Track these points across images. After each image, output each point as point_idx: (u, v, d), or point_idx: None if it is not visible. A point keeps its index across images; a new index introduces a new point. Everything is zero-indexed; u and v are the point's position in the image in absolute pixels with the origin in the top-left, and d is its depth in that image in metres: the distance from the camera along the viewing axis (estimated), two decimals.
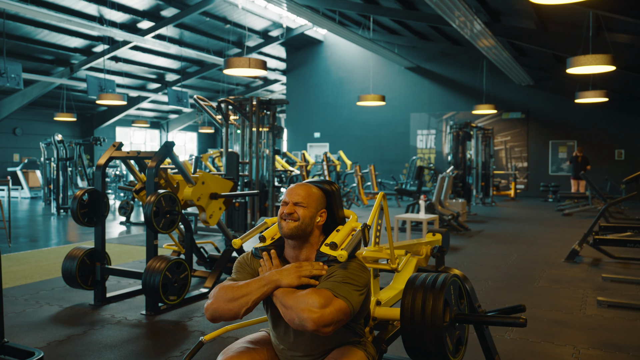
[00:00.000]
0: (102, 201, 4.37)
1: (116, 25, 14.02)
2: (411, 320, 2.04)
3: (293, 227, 1.85)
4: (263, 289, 1.77)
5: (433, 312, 2.01)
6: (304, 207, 1.87)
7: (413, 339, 2.05)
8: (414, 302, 2.06)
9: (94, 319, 4.01)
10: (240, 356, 1.88)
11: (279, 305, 1.75)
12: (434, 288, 2.07)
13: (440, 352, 2.02)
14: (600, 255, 6.62)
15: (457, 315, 2.14)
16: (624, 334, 3.73)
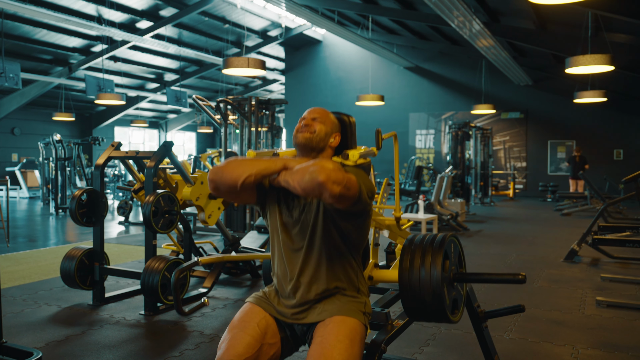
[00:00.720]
0: (100, 201, 4.36)
1: (115, 25, 14.00)
2: (410, 276, 2.02)
3: (308, 137, 1.90)
4: (270, 164, 1.74)
5: (432, 266, 2.00)
6: (321, 123, 1.93)
7: (412, 296, 2.02)
8: (413, 258, 2.05)
9: (93, 319, 4.00)
10: (247, 349, 1.77)
11: (287, 176, 1.66)
12: (433, 244, 2.07)
13: (440, 310, 2.01)
14: (599, 255, 6.62)
15: (455, 275, 2.14)
16: (622, 334, 3.73)
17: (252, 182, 1.74)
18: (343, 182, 1.60)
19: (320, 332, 1.82)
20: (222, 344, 1.80)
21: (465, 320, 3.88)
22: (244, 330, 1.82)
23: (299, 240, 1.91)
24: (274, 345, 1.88)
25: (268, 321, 1.90)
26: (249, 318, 1.88)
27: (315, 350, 1.76)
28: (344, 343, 1.77)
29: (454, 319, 2.11)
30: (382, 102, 13.76)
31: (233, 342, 1.78)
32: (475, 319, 2.78)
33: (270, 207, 1.97)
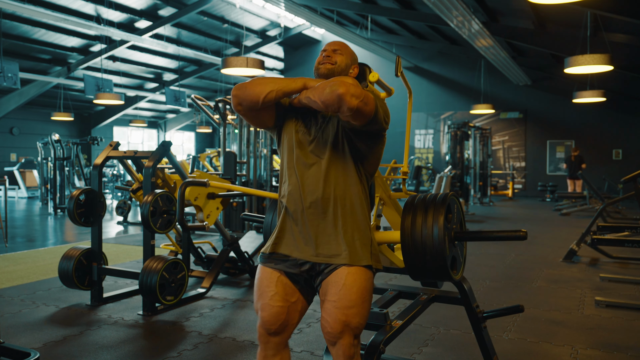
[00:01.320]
0: (99, 201, 4.35)
1: (114, 24, 13.98)
2: (412, 233, 2.04)
3: (330, 68, 1.98)
4: (291, 82, 1.87)
5: (435, 223, 2.01)
6: (341, 55, 2.02)
7: (414, 253, 2.04)
8: (415, 216, 2.06)
9: (91, 319, 3.99)
10: (277, 315, 1.94)
11: (309, 93, 1.82)
12: (435, 201, 2.07)
13: (442, 266, 2.03)
14: (598, 255, 6.62)
15: (456, 233, 2.14)
16: (622, 334, 3.73)
17: (273, 98, 1.85)
18: (361, 96, 1.72)
19: (333, 291, 1.89)
20: (258, 312, 1.98)
21: (464, 320, 3.89)
22: (265, 299, 1.95)
23: (314, 156, 1.94)
24: (297, 301, 1.99)
25: (283, 281, 1.97)
26: (266, 285, 1.97)
27: (330, 312, 1.89)
28: (359, 304, 1.88)
29: (455, 277, 2.13)
30: None
31: (263, 312, 1.95)
32: (474, 319, 2.77)
33: (287, 128, 2.02)
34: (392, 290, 2.93)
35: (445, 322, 3.92)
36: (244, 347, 3.43)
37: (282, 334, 1.98)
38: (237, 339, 3.56)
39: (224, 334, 3.68)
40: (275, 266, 1.98)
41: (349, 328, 1.90)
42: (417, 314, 2.64)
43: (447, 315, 4.01)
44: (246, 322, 3.95)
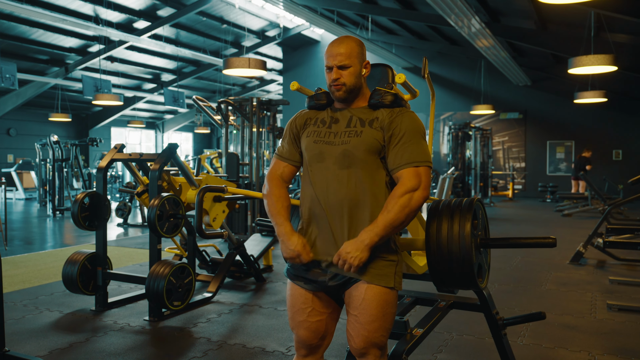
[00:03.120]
0: (103, 204, 4.27)
1: (112, 25, 13.88)
2: (438, 239, 1.98)
3: (343, 92, 1.89)
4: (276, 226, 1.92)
5: (461, 229, 1.94)
6: (349, 68, 1.87)
7: (440, 260, 1.97)
8: (440, 222, 2.00)
9: (96, 325, 3.91)
10: (316, 333, 1.96)
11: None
12: (461, 207, 2.00)
13: (468, 274, 1.96)
14: (605, 257, 6.57)
15: (482, 240, 2.08)
16: (638, 339, 3.67)
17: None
18: (427, 185, 1.82)
19: (355, 304, 1.86)
20: (294, 329, 1.98)
21: (476, 326, 3.83)
22: (303, 316, 1.94)
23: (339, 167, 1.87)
24: (333, 311, 1.99)
25: (318, 295, 1.95)
26: (302, 302, 1.95)
27: (353, 327, 1.88)
28: (380, 318, 1.85)
29: (482, 285, 2.08)
30: None
31: (301, 330, 1.95)
32: (494, 326, 2.71)
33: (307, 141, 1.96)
34: (409, 296, 2.87)
35: (457, 327, 3.85)
36: (255, 354, 3.36)
37: (322, 346, 2.00)
38: (247, 346, 3.49)
39: (233, 340, 3.61)
40: (305, 285, 1.94)
41: (372, 344, 1.89)
42: (437, 322, 2.57)
43: (459, 320, 3.94)
44: (255, 327, 3.87)
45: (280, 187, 1.98)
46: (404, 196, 1.75)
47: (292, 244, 1.86)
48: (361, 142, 1.85)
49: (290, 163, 2.02)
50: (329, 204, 1.86)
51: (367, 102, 1.94)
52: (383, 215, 1.75)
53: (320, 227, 1.90)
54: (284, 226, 1.89)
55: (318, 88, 2.05)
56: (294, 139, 2.02)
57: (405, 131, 1.83)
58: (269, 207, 1.95)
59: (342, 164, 1.86)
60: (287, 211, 1.95)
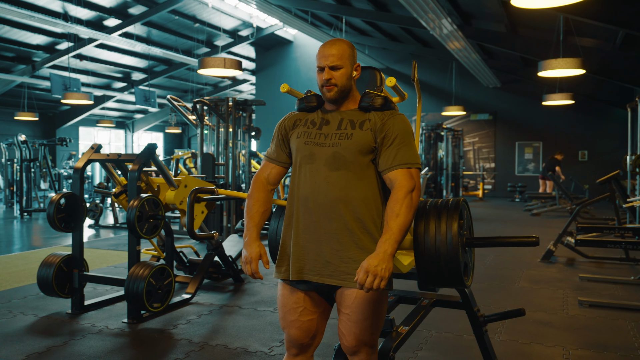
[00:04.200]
0: (80, 205, 4.20)
1: (81, 22, 13.59)
2: (425, 239, 2.01)
3: (334, 92, 1.90)
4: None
5: (449, 229, 1.98)
6: (340, 69, 1.89)
7: (428, 260, 2.01)
8: (427, 223, 2.03)
9: (74, 328, 3.85)
10: (308, 331, 1.97)
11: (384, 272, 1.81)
12: (447, 207, 2.05)
13: (455, 273, 2.01)
14: (574, 255, 6.76)
15: (467, 239, 2.13)
16: (609, 334, 3.80)
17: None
18: (419, 186, 1.85)
19: (347, 302, 1.89)
20: (285, 329, 1.99)
21: (454, 323, 3.90)
22: (294, 315, 1.96)
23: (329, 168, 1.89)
24: (325, 309, 2.02)
25: (309, 294, 1.97)
26: (294, 301, 1.96)
27: (345, 325, 1.91)
28: (371, 316, 1.89)
29: (468, 283, 2.13)
30: None
31: (292, 329, 1.97)
32: (475, 323, 2.78)
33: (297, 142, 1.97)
34: (392, 295, 2.91)
35: (436, 325, 3.92)
36: (237, 354, 3.36)
37: (313, 345, 2.01)
38: (229, 347, 3.48)
39: (214, 341, 3.59)
40: (297, 285, 1.96)
41: (364, 342, 1.93)
42: (422, 319, 2.62)
43: (438, 318, 4.01)
44: (236, 328, 3.87)
45: (261, 191, 2.00)
46: (407, 197, 1.79)
47: (248, 251, 1.90)
48: (352, 144, 1.88)
49: (278, 164, 2.04)
50: (318, 205, 1.89)
51: (358, 105, 1.97)
52: (394, 220, 1.75)
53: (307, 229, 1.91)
54: (250, 232, 1.93)
55: (308, 90, 2.06)
56: (282, 141, 2.03)
57: (398, 133, 1.87)
58: (246, 208, 1.99)
59: (333, 166, 1.88)
60: (260, 216, 1.97)
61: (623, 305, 4.45)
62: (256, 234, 1.94)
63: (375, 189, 1.92)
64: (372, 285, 1.69)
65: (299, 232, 1.93)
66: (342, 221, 1.87)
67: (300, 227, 1.93)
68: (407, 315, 2.60)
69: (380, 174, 1.91)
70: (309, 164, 1.92)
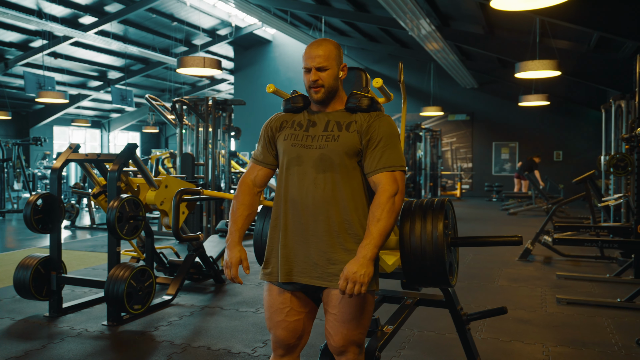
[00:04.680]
0: (57, 206, 4.12)
1: (56, 19, 13.35)
2: (411, 239, 2.03)
3: (322, 93, 1.90)
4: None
5: (434, 229, 2.00)
6: (327, 70, 1.89)
7: (414, 259, 2.03)
8: (413, 223, 2.06)
9: (52, 331, 3.77)
10: (294, 332, 1.97)
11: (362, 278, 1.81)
12: (433, 208, 2.06)
13: (441, 272, 2.03)
14: (551, 253, 6.87)
15: (452, 239, 2.15)
16: (586, 331, 3.87)
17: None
18: (402, 190, 1.84)
19: (333, 302, 1.89)
20: (272, 329, 1.98)
21: (436, 322, 3.94)
22: (281, 316, 1.95)
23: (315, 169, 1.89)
24: (311, 309, 2.01)
25: (296, 294, 1.96)
26: (280, 302, 1.95)
27: (332, 325, 1.91)
28: (358, 317, 1.90)
29: (452, 282, 2.16)
30: None
31: (279, 330, 1.96)
32: (458, 322, 2.80)
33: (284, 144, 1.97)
34: (376, 294, 2.92)
35: (418, 324, 3.95)
36: (221, 355, 3.33)
37: (299, 346, 2.01)
38: (211, 348, 3.46)
39: (197, 343, 3.56)
40: (284, 286, 1.96)
41: (351, 342, 1.93)
42: (406, 318, 2.64)
43: (420, 317, 4.04)
44: (218, 329, 3.84)
45: (246, 194, 2.00)
46: (389, 202, 1.78)
47: (229, 256, 1.91)
48: (338, 146, 1.88)
49: (265, 166, 2.03)
50: (306, 207, 1.88)
51: (344, 106, 1.96)
52: (375, 225, 1.76)
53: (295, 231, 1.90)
54: (233, 235, 1.94)
55: (294, 91, 2.06)
56: (268, 142, 2.02)
57: (383, 135, 1.87)
58: (231, 211, 2.00)
59: (320, 168, 1.88)
60: (244, 220, 1.97)
61: (600, 303, 4.54)
62: (238, 238, 1.94)
63: (362, 191, 1.93)
64: (353, 292, 1.71)
65: (287, 234, 1.92)
66: (330, 223, 1.86)
67: (288, 229, 1.92)
68: (391, 314, 2.62)
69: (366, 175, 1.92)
70: (296, 166, 1.91)
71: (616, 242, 5.20)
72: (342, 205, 1.87)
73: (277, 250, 1.93)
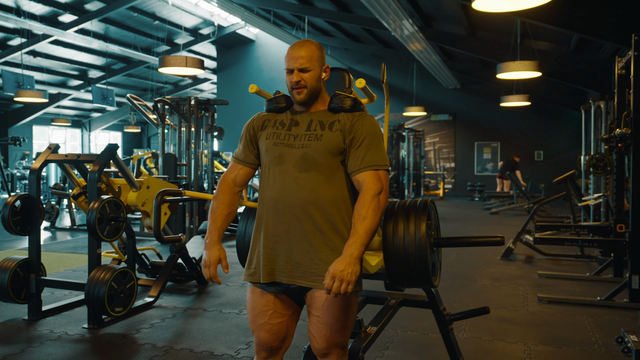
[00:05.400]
0: (36, 208, 4.05)
1: (35, 17, 13.15)
2: (394, 240, 2.03)
3: (304, 94, 1.89)
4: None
5: (417, 230, 2.01)
6: (310, 71, 1.88)
7: (397, 260, 2.03)
8: (396, 224, 2.06)
9: (31, 335, 3.71)
10: (278, 334, 1.96)
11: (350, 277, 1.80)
12: (415, 208, 2.07)
13: (424, 273, 2.03)
14: (532, 253, 6.95)
15: (435, 240, 2.16)
16: (567, 329, 3.92)
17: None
18: (387, 189, 1.85)
19: (317, 305, 1.88)
20: (255, 332, 1.97)
21: (419, 322, 3.95)
22: (264, 318, 1.94)
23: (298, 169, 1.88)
24: (294, 312, 2.00)
25: (279, 297, 1.95)
26: (263, 304, 1.94)
27: (315, 327, 1.90)
28: (342, 318, 1.89)
29: (435, 283, 2.17)
30: None
31: (262, 333, 1.95)
32: (441, 321, 2.81)
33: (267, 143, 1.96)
34: (360, 295, 2.92)
35: (401, 324, 3.96)
36: (203, 358, 3.31)
37: (282, 348, 2.00)
38: (194, 350, 3.43)
39: (179, 345, 3.53)
40: (267, 288, 1.94)
41: (335, 344, 1.93)
42: (389, 319, 2.64)
43: (403, 317, 4.05)
44: (201, 331, 3.81)
45: (226, 193, 1.98)
46: (374, 200, 1.78)
47: (208, 255, 1.89)
48: (321, 146, 1.87)
49: (246, 165, 2.02)
50: (288, 207, 1.87)
51: (327, 106, 1.96)
52: (360, 223, 1.75)
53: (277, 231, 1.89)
54: (212, 235, 1.92)
55: (277, 91, 2.05)
56: (250, 141, 2.01)
57: (366, 135, 1.87)
58: (210, 210, 1.98)
59: (302, 167, 1.87)
60: (224, 219, 1.95)
61: (580, 301, 4.60)
62: (217, 237, 1.92)
63: (345, 190, 1.92)
64: (340, 290, 1.69)
65: (268, 234, 1.91)
66: (313, 222, 1.86)
67: (269, 229, 1.91)
68: (374, 315, 2.62)
69: (349, 175, 1.91)
70: (278, 166, 1.90)
71: (596, 241, 5.28)
72: (325, 204, 1.86)
73: (260, 251, 1.92)
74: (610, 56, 10.62)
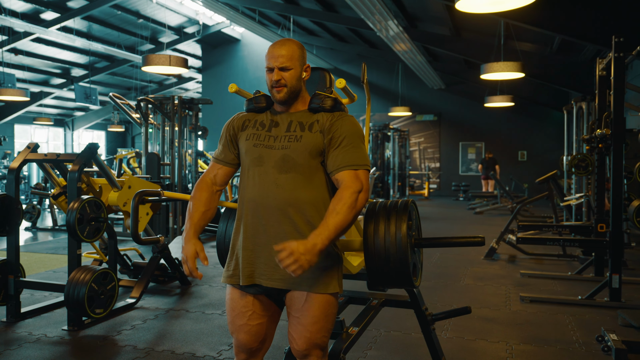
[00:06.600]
0: (15, 208, 3.99)
1: (16, 14, 12.95)
2: (375, 240, 2.02)
3: (284, 93, 1.88)
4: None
5: (398, 230, 2.00)
6: (290, 70, 1.87)
7: (377, 261, 2.02)
8: (377, 224, 2.04)
9: (9, 337, 3.65)
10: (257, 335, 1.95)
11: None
12: (396, 209, 2.06)
13: (404, 273, 2.03)
14: (515, 252, 7.00)
15: (416, 240, 2.16)
16: (549, 328, 3.95)
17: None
18: (368, 188, 1.84)
19: (296, 306, 1.88)
20: (234, 333, 1.95)
21: (401, 321, 3.96)
22: (243, 320, 1.92)
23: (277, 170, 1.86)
24: (274, 312, 1.99)
25: (258, 298, 1.93)
26: (242, 305, 1.92)
27: (295, 328, 1.89)
28: (322, 319, 1.88)
29: (416, 283, 2.17)
30: None
31: (241, 334, 1.93)
32: (423, 322, 2.82)
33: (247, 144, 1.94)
34: (342, 295, 2.92)
35: (385, 324, 3.96)
36: (184, 359, 3.27)
37: (262, 350, 1.99)
38: (176, 352, 3.40)
39: (161, 347, 3.50)
40: (247, 289, 1.93)
41: (314, 345, 1.91)
42: (371, 319, 2.64)
43: (386, 317, 4.05)
44: (183, 333, 3.77)
45: (204, 191, 1.97)
46: (350, 197, 1.76)
47: (184, 250, 1.87)
48: (301, 147, 1.86)
49: (226, 165, 2.00)
50: (267, 208, 1.86)
51: (307, 106, 1.95)
52: (332, 217, 1.72)
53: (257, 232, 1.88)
54: (187, 231, 1.91)
55: (257, 91, 2.03)
56: (230, 141, 2.00)
57: (345, 135, 1.86)
58: (188, 208, 1.97)
59: (282, 168, 1.86)
60: (200, 216, 1.93)
61: (561, 300, 4.64)
62: (193, 232, 1.90)
63: (325, 192, 1.91)
64: (288, 268, 1.63)
65: (248, 235, 1.89)
66: (292, 224, 1.85)
67: (249, 231, 1.89)
68: (357, 315, 2.61)
69: (329, 176, 1.90)
70: (257, 167, 1.89)
71: (577, 241, 5.33)
72: (304, 206, 1.85)
73: (239, 252, 1.90)
74: (592, 58, 10.74)
